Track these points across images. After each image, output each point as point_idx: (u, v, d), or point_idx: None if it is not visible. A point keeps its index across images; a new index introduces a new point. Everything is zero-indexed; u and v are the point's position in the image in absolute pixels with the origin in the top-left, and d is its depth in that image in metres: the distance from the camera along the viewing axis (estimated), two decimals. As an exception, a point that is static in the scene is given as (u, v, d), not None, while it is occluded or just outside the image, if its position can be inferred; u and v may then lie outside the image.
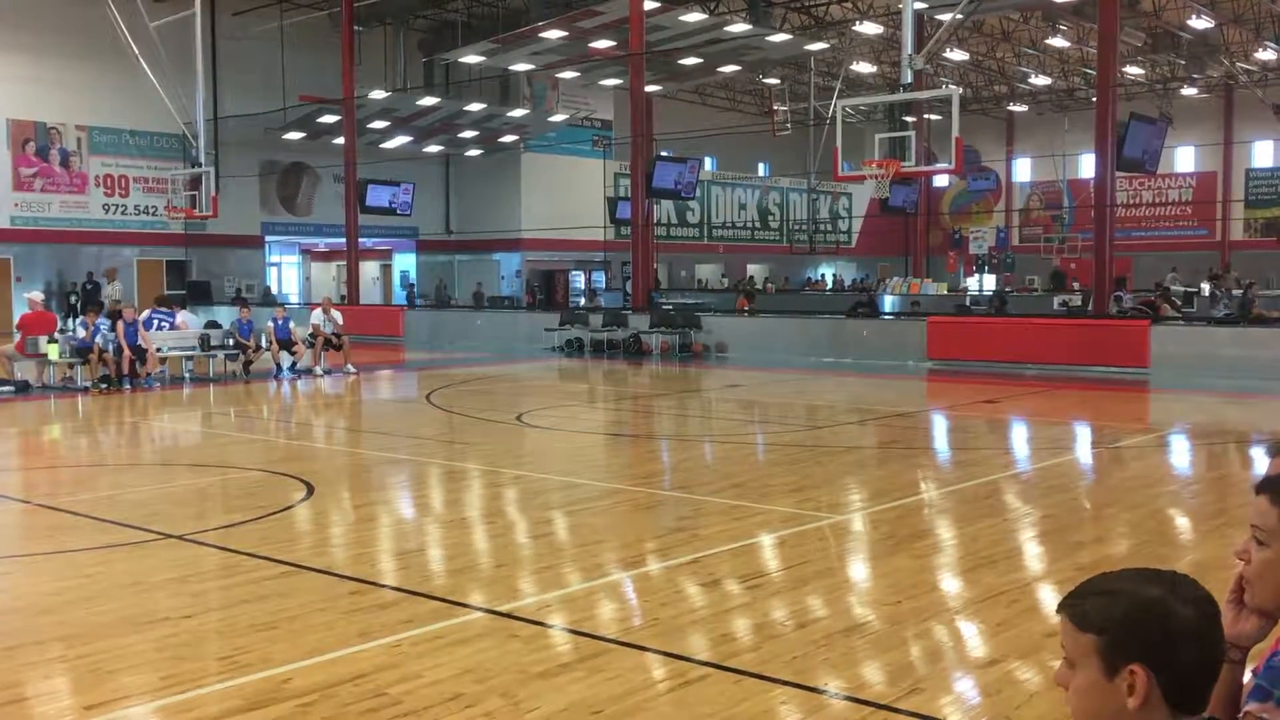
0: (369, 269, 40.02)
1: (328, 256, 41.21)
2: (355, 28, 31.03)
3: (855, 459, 10.73)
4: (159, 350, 17.53)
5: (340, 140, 32.06)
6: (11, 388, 15.76)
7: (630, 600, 5.82)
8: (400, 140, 36.19)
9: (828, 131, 24.44)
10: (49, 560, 6.65)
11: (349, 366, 19.23)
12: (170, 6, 25.52)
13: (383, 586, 5.97)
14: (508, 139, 38.15)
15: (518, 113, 36.47)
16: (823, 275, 49.20)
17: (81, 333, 16.72)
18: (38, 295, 19.08)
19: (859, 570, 6.53)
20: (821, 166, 36.96)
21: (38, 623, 5.30)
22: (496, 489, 9.12)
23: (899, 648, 4.95)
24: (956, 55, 38.20)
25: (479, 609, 5.51)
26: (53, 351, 16.43)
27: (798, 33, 32.54)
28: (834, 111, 19.38)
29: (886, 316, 25.75)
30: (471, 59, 32.19)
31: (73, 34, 29.41)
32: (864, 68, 40.64)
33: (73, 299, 29.89)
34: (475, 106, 34.15)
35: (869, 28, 33.56)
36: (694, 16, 27.87)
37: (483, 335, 26.51)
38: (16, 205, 30.20)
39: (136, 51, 23.75)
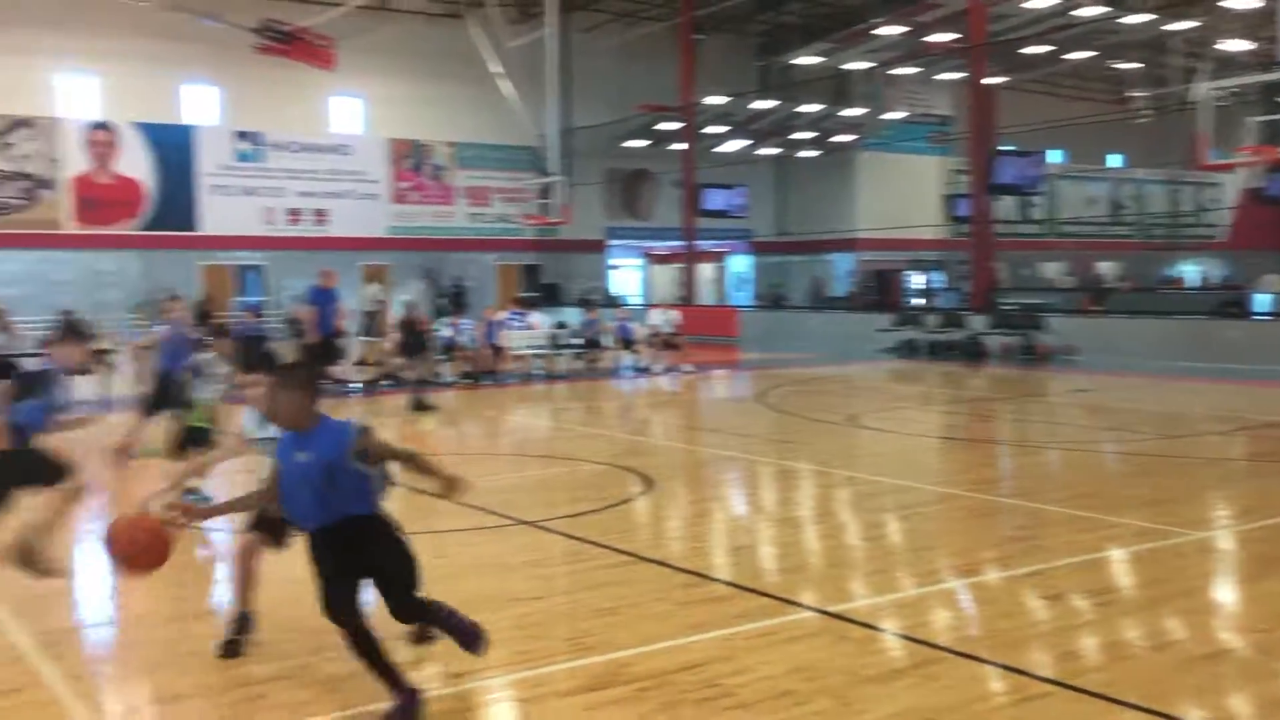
0: (704, 271, 40.93)
1: (666, 259, 42.59)
2: (695, 36, 31.85)
3: (1220, 472, 9.84)
4: (514, 349, 18.83)
5: (676, 146, 33.04)
6: (394, 382, 17.46)
7: (966, 609, 5.67)
8: (735, 144, 36.83)
9: (1193, 117, 22.52)
10: (417, 540, 7.27)
11: (685, 366, 19.83)
12: (526, 28, 27.32)
13: (715, 580, 6.15)
14: (842, 139, 37.91)
15: (852, 112, 36.15)
16: (1183, 273, 45.38)
17: (448, 332, 18.26)
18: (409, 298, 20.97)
19: (1224, 592, 6.03)
20: (1185, 155, 34.12)
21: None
22: (828, 489, 9.13)
23: (1269, 680, 4.54)
24: (1349, 24, 34.01)
25: (810, 608, 5.56)
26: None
27: (1159, 12, 30.17)
28: (1199, 94, 17.85)
29: (1261, 317, 23.40)
30: (807, 60, 32.23)
31: (440, 58, 32.03)
32: (1235, 45, 37.01)
33: (441, 301, 32.62)
34: (810, 107, 34.17)
35: (1241, 1, 30.53)
36: (1041, 2, 26.53)
37: (815, 336, 26.48)
38: (395, 217, 33.39)
39: (497, 70, 25.58)
